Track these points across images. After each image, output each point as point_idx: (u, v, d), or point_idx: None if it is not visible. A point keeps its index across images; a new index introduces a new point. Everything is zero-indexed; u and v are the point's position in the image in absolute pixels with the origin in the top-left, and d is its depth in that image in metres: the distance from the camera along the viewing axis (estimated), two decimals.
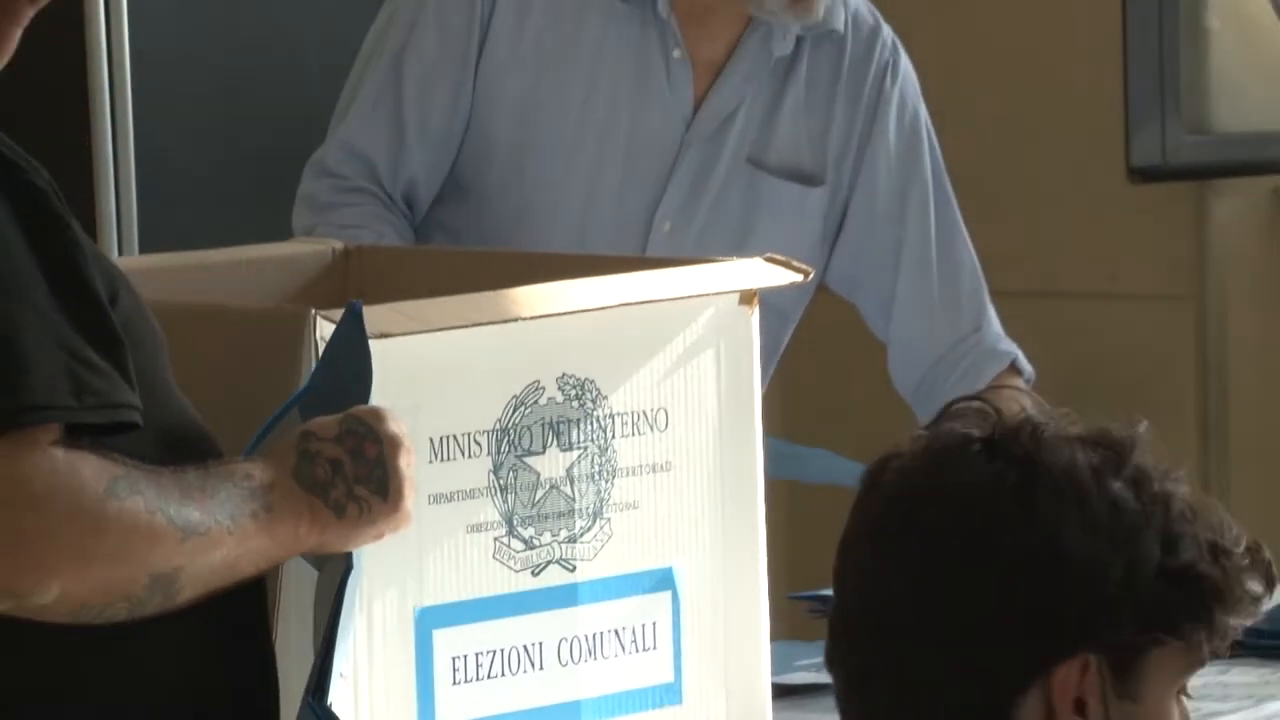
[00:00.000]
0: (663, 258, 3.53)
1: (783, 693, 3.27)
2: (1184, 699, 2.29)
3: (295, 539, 2.52)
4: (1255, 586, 2.25)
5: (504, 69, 3.83)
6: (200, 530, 2.43)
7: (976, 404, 2.26)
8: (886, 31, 3.95)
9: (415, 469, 2.60)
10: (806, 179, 3.91)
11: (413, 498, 2.57)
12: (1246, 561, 2.23)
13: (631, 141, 3.89)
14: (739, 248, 3.72)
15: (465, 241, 3.86)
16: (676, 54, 3.84)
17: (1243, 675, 3.58)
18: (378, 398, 2.61)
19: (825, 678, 3.23)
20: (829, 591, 3.64)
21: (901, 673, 2.24)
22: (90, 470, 2.37)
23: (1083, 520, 2.16)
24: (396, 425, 2.56)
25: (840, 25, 3.86)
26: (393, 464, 2.55)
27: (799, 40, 3.85)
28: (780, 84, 3.89)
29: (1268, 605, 2.28)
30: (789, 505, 4.31)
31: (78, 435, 2.36)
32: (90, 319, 2.42)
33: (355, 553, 2.57)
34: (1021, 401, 3.71)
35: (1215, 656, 2.26)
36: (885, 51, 3.92)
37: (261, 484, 2.50)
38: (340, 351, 2.61)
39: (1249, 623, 2.26)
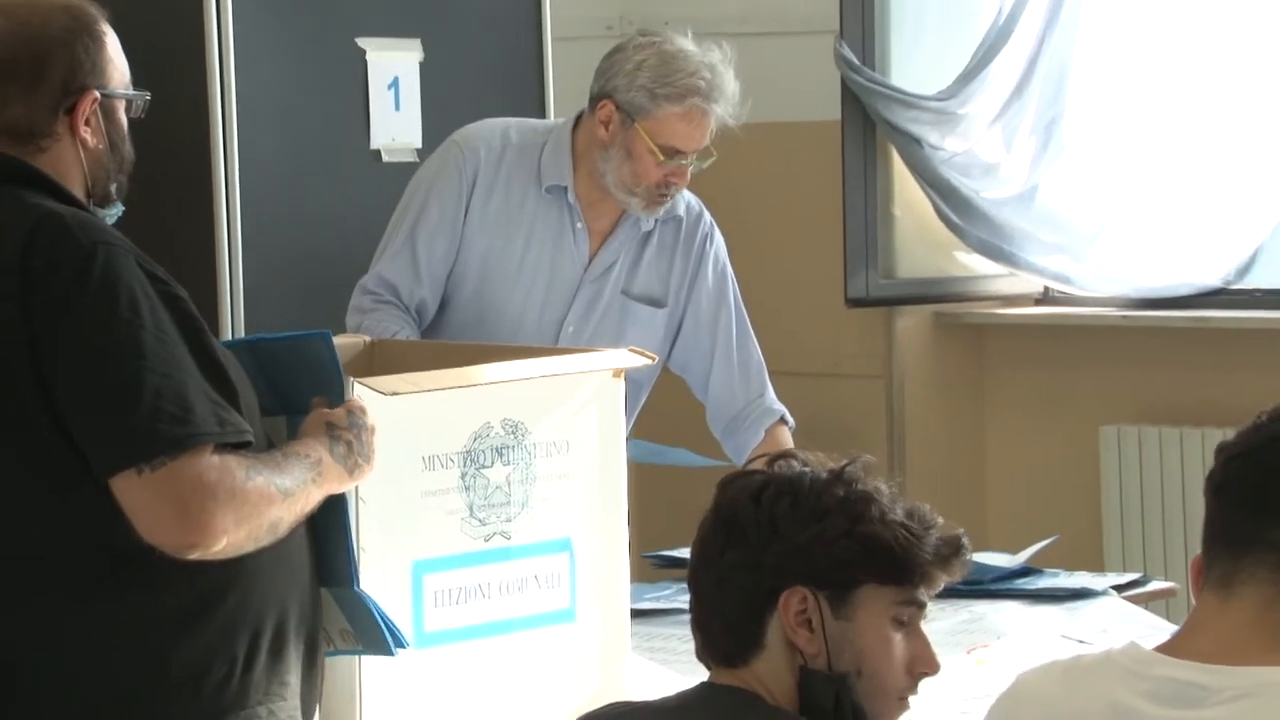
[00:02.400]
0: (566, 348, 3.74)
1: (637, 615, 3.28)
2: (920, 634, 2.26)
3: (330, 490, 2.56)
4: (939, 551, 2.25)
5: (476, 231, 3.88)
6: (291, 492, 2.47)
7: (769, 459, 2.32)
8: (707, 216, 4.03)
9: (401, 463, 2.72)
10: (656, 303, 4.01)
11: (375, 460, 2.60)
12: (932, 536, 2.24)
13: (551, 280, 3.94)
14: (615, 344, 3.75)
15: (445, 337, 3.87)
16: (579, 226, 3.92)
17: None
18: (396, 437, 2.73)
19: (664, 604, 3.70)
20: (668, 552, 4.01)
21: (710, 595, 2.29)
22: (234, 464, 2.40)
23: (794, 502, 2.23)
24: (372, 418, 2.62)
25: (680, 212, 3.97)
26: (372, 441, 2.61)
27: (655, 221, 3.95)
28: (642, 246, 3.98)
29: (965, 568, 2.27)
30: (641, 496, 3.81)
31: (221, 449, 2.40)
32: (218, 379, 2.45)
33: (348, 494, 2.63)
34: (782, 441, 3.85)
35: (923, 602, 2.25)
36: (706, 227, 4.01)
37: (315, 459, 2.53)
38: (309, 354, 2.63)
39: (949, 577, 2.25)
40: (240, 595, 2.47)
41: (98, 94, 2.53)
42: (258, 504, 2.42)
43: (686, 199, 3.97)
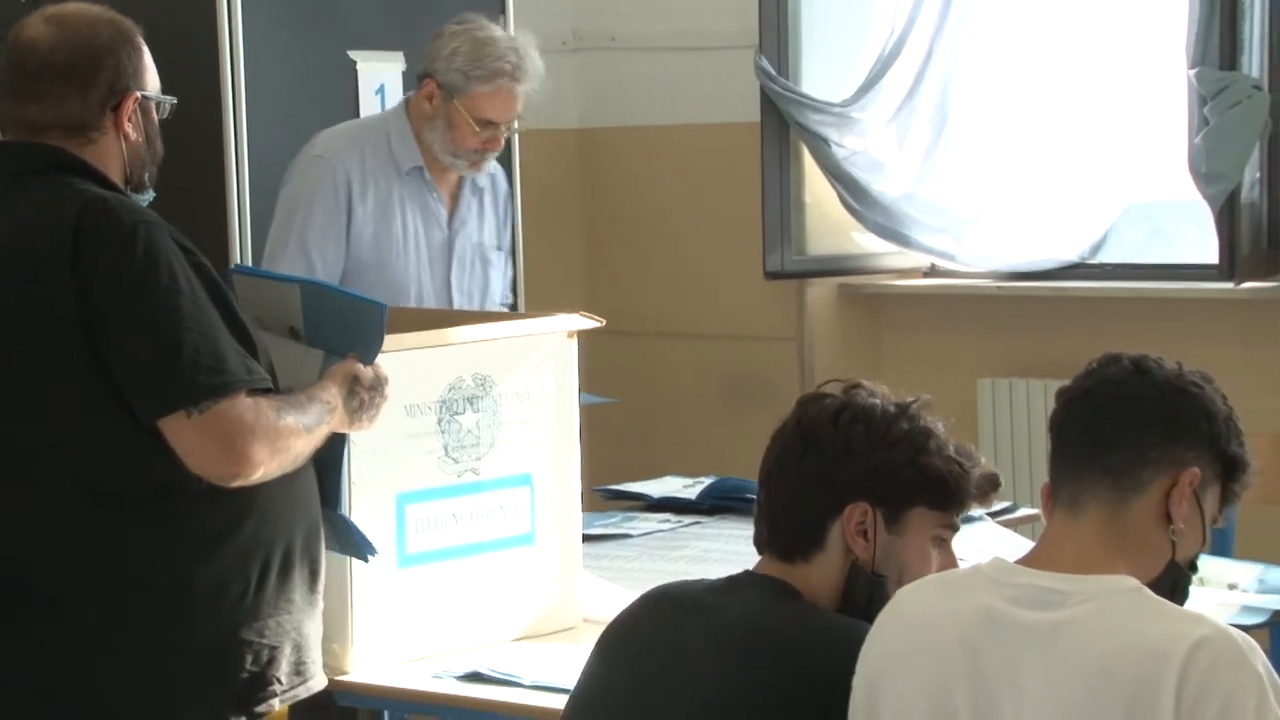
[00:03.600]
0: (527, 313, 3.93)
1: (588, 539, 3.29)
2: (950, 551, 2.25)
3: (333, 430, 2.58)
4: (980, 486, 2.25)
5: (362, 225, 3.83)
6: (311, 429, 2.51)
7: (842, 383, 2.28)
8: (500, 171, 4.05)
9: (386, 410, 2.70)
10: (500, 248, 4.04)
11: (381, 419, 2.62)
12: (976, 472, 2.22)
13: (430, 248, 3.92)
14: (485, 290, 3.99)
15: None
16: (435, 196, 3.91)
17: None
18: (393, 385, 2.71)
19: (612, 530, 3.70)
20: (615, 485, 3.99)
21: (784, 496, 2.25)
22: (265, 405, 2.44)
23: (867, 429, 2.21)
24: (390, 386, 2.66)
25: (493, 170, 3.99)
26: (381, 406, 2.65)
27: (488, 177, 3.98)
28: (480, 202, 3.99)
29: (994, 500, 2.26)
30: (593, 438, 3.84)
31: (252, 393, 2.44)
32: (242, 335, 2.48)
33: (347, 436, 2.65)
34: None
35: (959, 526, 2.24)
36: (501, 179, 4.05)
37: (331, 405, 2.56)
38: (365, 315, 2.65)
39: (984, 508, 2.35)
40: (255, 524, 2.46)
41: (139, 95, 2.54)
42: (289, 439, 2.43)
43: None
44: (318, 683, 2.56)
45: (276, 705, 2.48)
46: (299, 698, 2.52)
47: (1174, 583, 1.99)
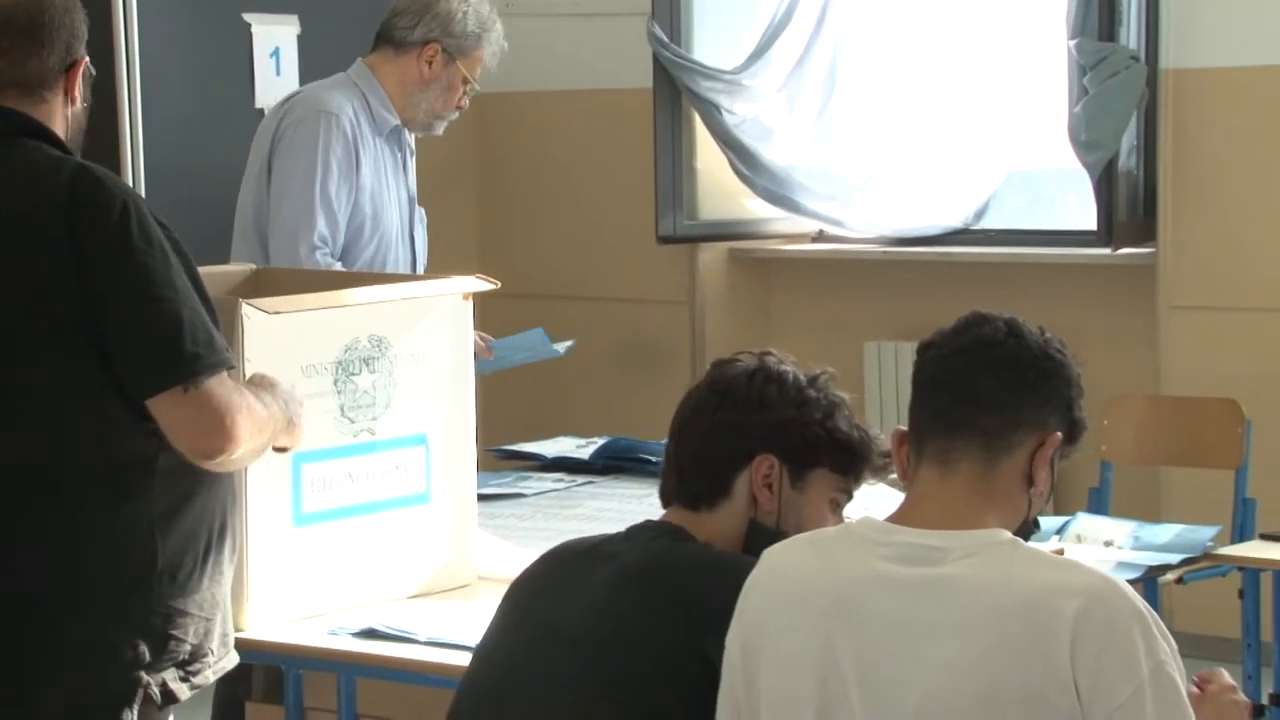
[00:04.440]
0: (426, 275, 3.79)
1: (482, 498, 3.28)
2: (842, 517, 2.27)
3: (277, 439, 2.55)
4: (878, 460, 2.28)
5: (364, 178, 3.89)
6: (276, 421, 2.50)
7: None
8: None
9: (283, 371, 2.67)
10: (421, 203, 4.09)
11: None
12: (877, 445, 2.26)
13: (403, 202, 4.00)
14: (425, 244, 4.06)
15: (363, 261, 3.90)
16: (409, 155, 4.00)
17: None
18: (278, 350, 2.72)
19: (506, 490, 3.68)
20: (509, 446, 3.98)
21: (695, 445, 2.27)
22: (244, 387, 2.46)
23: (779, 389, 2.25)
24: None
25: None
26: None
27: (413, 138, 4.00)
28: (410, 160, 4.03)
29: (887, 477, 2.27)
30: (487, 400, 3.78)
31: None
32: (212, 311, 2.44)
33: None
34: None
35: (853, 493, 2.28)
36: (409, 138, 4.00)
37: (278, 411, 2.53)
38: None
39: (876, 480, 2.29)
40: (203, 499, 2.46)
41: (87, 60, 2.51)
42: (264, 421, 2.43)
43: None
44: (234, 657, 2.56)
45: (210, 678, 2.49)
46: (224, 670, 2.53)
47: (1024, 539, 1.99)
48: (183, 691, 2.43)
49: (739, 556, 2.15)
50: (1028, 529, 2.02)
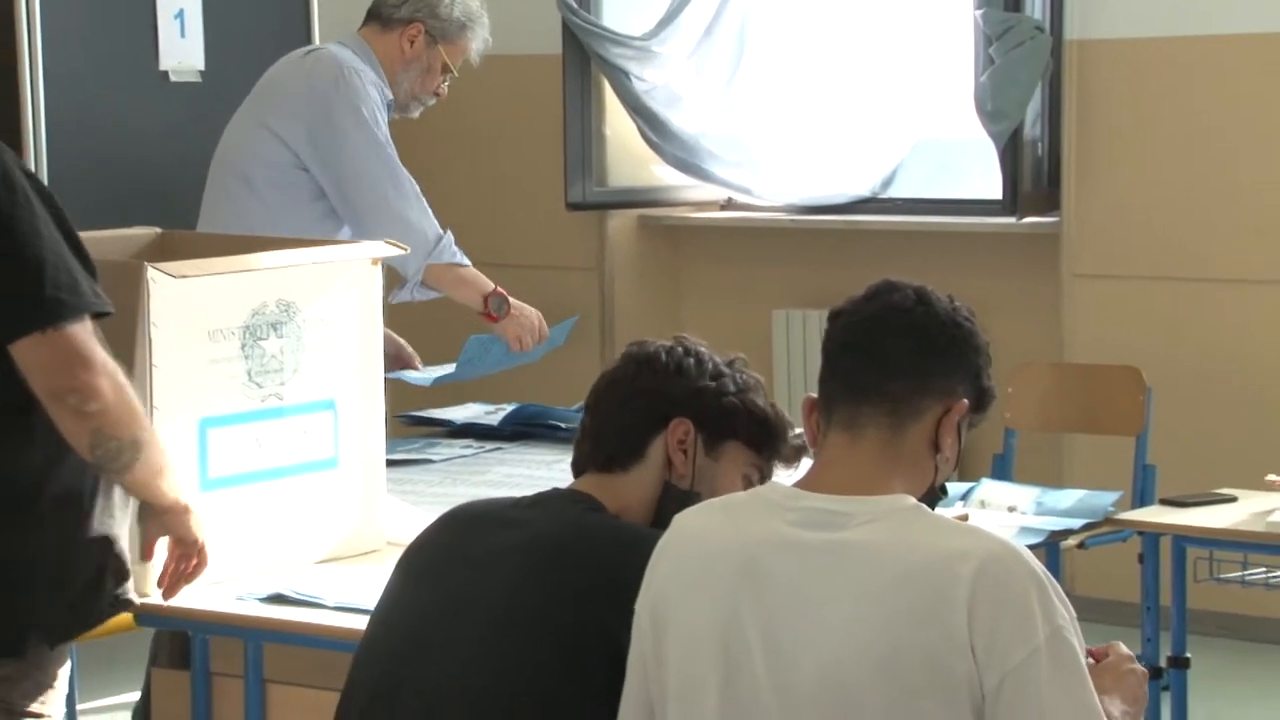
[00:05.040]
0: (339, 239, 3.71)
1: (391, 464, 3.25)
2: (753, 483, 2.27)
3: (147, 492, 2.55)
4: (793, 444, 2.31)
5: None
6: (149, 428, 2.46)
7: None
8: None
9: (189, 335, 2.70)
10: None
11: None
12: (793, 430, 2.29)
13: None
14: None
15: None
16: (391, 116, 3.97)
17: None
18: (185, 314, 2.71)
19: (414, 455, 3.65)
20: (417, 412, 3.94)
21: (612, 409, 2.29)
22: (109, 359, 2.43)
23: (697, 362, 2.28)
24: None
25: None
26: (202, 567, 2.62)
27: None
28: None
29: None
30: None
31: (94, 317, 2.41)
32: (85, 258, 2.44)
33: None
34: None
35: (766, 475, 2.28)
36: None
37: (162, 465, 2.52)
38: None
39: (787, 468, 2.30)
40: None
41: None
42: (125, 387, 2.42)
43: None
44: (129, 604, 2.57)
45: (105, 618, 2.50)
46: (120, 612, 2.53)
47: (930, 505, 2.00)
48: (72, 631, 2.44)
49: (649, 531, 2.14)
50: (934, 495, 2.03)
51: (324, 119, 3.80)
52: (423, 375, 3.93)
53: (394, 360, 3.78)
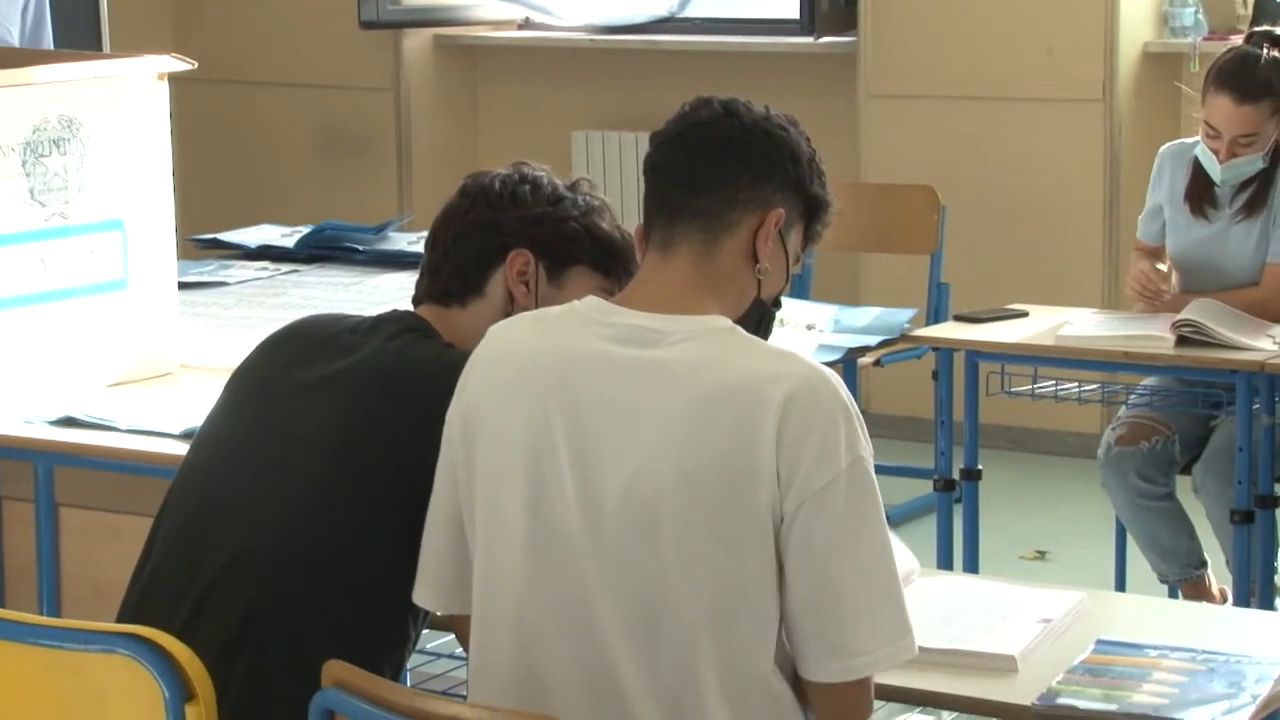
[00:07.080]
0: (114, 53, 3.73)
1: (184, 286, 3.25)
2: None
3: None
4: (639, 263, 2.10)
5: None
6: None
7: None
8: None
9: None
10: None
11: None
12: (637, 252, 2.10)
13: None
14: None
15: None
16: None
17: None
18: None
19: (208, 278, 3.56)
20: (211, 235, 3.89)
21: (447, 245, 2.25)
22: None
23: (534, 189, 2.24)
24: None
25: None
26: None
27: None
28: None
29: None
30: (186, 187, 3.57)
31: None
32: None
33: None
34: None
35: (610, 290, 2.19)
36: None
37: None
38: None
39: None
40: None
41: None
42: None
43: None
44: None
45: None
46: None
47: (759, 318, 2.01)
48: None
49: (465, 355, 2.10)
50: (765, 309, 2.03)
51: None
52: None
53: None
